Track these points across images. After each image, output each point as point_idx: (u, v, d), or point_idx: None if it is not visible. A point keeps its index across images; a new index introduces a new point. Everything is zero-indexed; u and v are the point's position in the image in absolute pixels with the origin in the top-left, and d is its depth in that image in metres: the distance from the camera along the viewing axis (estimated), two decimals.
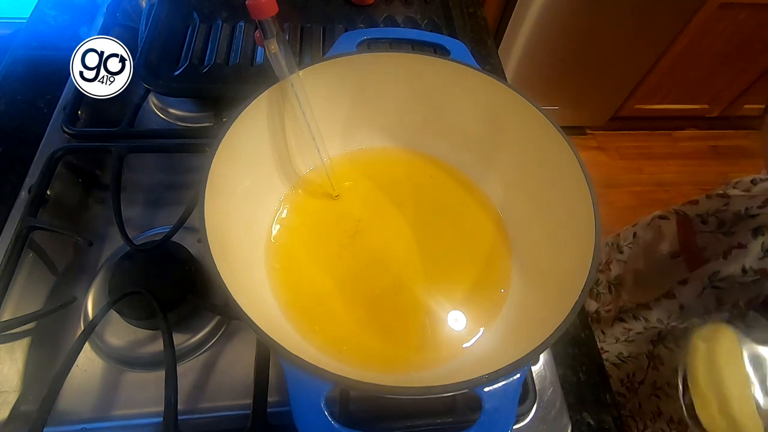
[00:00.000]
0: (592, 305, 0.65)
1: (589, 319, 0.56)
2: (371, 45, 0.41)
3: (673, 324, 0.49)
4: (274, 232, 0.38)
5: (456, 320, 0.35)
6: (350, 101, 0.39)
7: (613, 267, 0.63)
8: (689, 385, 0.28)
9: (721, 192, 0.51)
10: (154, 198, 0.45)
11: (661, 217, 0.58)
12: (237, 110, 0.31)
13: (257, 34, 0.32)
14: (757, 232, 0.43)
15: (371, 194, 0.41)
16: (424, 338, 0.34)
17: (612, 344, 0.59)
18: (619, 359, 0.58)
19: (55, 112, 0.47)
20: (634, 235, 0.61)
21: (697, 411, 0.27)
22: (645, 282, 0.56)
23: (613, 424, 0.36)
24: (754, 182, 0.50)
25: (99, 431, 0.33)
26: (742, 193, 0.49)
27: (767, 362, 0.27)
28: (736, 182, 0.51)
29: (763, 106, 0.41)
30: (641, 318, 0.53)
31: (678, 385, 0.30)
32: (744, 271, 0.43)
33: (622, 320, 0.56)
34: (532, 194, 0.37)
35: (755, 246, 0.43)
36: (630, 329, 0.55)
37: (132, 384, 0.35)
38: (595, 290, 0.65)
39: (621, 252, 0.63)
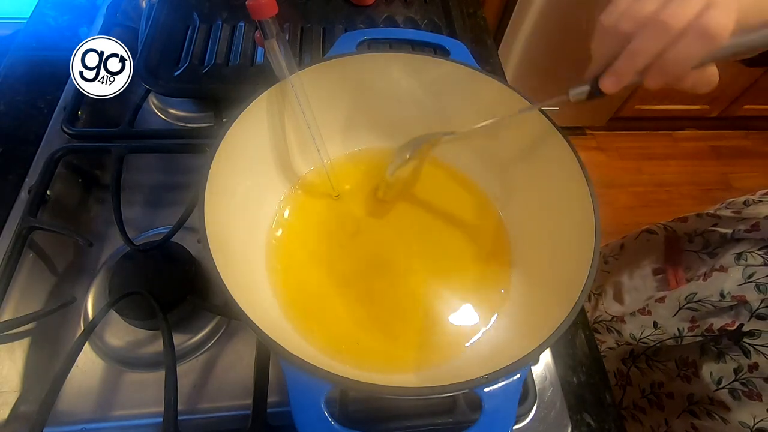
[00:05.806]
0: None
1: None
2: (371, 45, 0.41)
3: (644, 342, 0.48)
4: (274, 233, 0.38)
5: (456, 320, 0.35)
6: (350, 101, 0.39)
7: (596, 277, 0.62)
8: None
9: (712, 212, 0.50)
10: (154, 198, 0.45)
11: (649, 231, 0.57)
12: (237, 110, 0.31)
13: (257, 34, 0.32)
14: (740, 257, 0.42)
15: (371, 195, 0.41)
16: (424, 338, 0.34)
17: None
18: None
19: (55, 113, 0.47)
20: (621, 246, 0.61)
21: None
22: (624, 295, 0.54)
23: (613, 424, 0.36)
24: (746, 203, 0.48)
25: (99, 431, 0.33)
26: (732, 215, 0.47)
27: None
28: (729, 202, 0.50)
29: (764, 106, 0.40)
30: (614, 331, 0.53)
31: None
32: (722, 295, 0.41)
33: (596, 331, 0.55)
34: (532, 194, 0.37)
35: (736, 271, 0.41)
36: (603, 342, 0.54)
37: (132, 384, 0.35)
38: None
39: (606, 262, 0.62)
